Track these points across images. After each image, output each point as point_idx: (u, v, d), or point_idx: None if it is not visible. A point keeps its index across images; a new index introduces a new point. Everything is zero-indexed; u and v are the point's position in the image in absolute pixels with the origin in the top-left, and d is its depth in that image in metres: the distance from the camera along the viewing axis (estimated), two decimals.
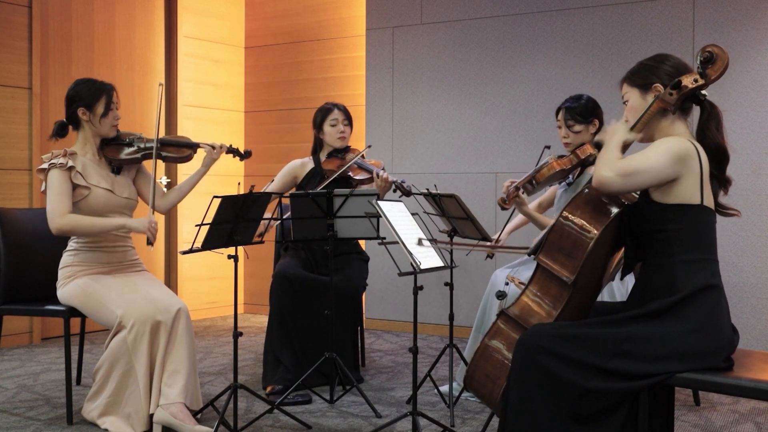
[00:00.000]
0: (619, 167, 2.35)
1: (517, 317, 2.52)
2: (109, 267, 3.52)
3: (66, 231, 3.38)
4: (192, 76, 6.27)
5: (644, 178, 2.35)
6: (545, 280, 2.51)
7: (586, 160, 3.54)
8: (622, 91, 2.58)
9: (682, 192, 2.36)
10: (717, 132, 2.45)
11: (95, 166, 3.53)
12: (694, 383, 2.31)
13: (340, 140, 4.31)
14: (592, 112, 3.66)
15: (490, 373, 2.52)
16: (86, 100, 3.50)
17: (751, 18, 4.72)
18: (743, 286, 4.68)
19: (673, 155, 2.33)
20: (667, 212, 2.38)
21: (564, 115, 3.69)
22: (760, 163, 4.67)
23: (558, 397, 2.27)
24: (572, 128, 3.65)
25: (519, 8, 5.41)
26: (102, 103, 3.50)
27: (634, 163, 2.35)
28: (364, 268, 4.33)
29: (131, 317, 3.24)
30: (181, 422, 3.17)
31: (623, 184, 2.35)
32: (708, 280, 2.36)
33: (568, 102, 3.72)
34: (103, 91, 3.52)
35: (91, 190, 3.46)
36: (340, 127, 4.31)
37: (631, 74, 2.56)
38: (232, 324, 5.61)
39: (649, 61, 2.54)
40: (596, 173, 2.39)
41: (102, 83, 3.55)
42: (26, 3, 5.23)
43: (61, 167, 3.40)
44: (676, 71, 2.47)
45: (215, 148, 3.68)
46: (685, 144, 2.36)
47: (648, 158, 2.35)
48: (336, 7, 6.28)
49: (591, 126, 3.66)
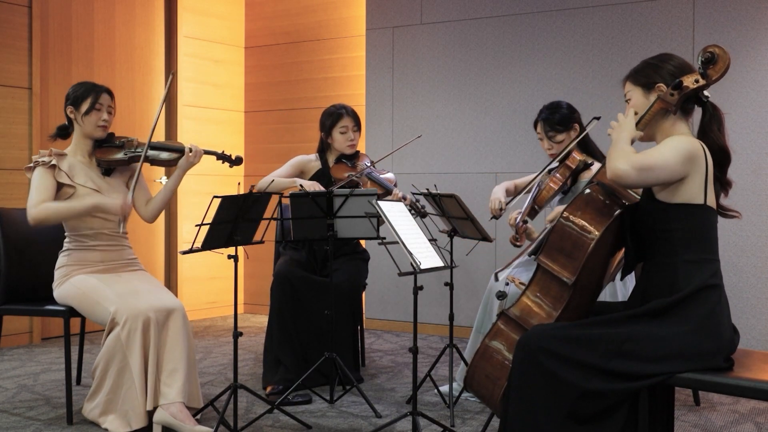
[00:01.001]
0: (635, 161, 2.34)
1: (518, 318, 2.52)
2: (103, 266, 3.53)
3: (42, 218, 3.38)
4: (192, 76, 6.27)
5: (658, 174, 2.34)
6: (546, 281, 2.51)
7: (577, 168, 3.53)
8: (625, 89, 2.57)
9: (687, 191, 2.36)
10: (719, 133, 2.45)
11: (84, 167, 3.55)
12: (694, 383, 2.31)
13: (350, 148, 4.25)
14: (570, 117, 3.65)
15: (490, 373, 2.52)
16: (72, 98, 3.56)
17: (751, 18, 4.72)
18: (743, 286, 4.68)
19: (686, 154, 2.33)
20: (671, 211, 2.38)
21: (543, 127, 3.68)
22: (760, 163, 4.67)
23: (558, 397, 2.27)
24: (554, 139, 3.65)
25: (519, 8, 5.41)
26: (87, 101, 3.53)
27: (650, 159, 2.34)
28: (363, 268, 4.32)
29: (123, 313, 3.24)
30: (181, 422, 3.18)
31: (639, 177, 2.33)
32: (709, 279, 2.36)
33: (544, 113, 3.69)
34: (91, 91, 3.55)
35: (77, 189, 3.48)
36: (350, 135, 4.23)
37: (634, 72, 2.55)
38: (232, 324, 5.61)
39: (653, 60, 2.54)
40: (611, 165, 2.36)
41: (94, 85, 3.59)
42: (26, 3, 5.23)
43: (43, 165, 3.44)
44: (679, 71, 2.46)
45: (191, 151, 3.60)
46: (694, 143, 2.37)
47: (662, 155, 2.34)
48: (336, 7, 6.28)
49: (572, 132, 3.65)
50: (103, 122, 3.57)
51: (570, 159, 3.52)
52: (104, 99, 3.58)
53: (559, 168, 3.54)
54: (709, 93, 2.49)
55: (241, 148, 6.66)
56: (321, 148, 4.37)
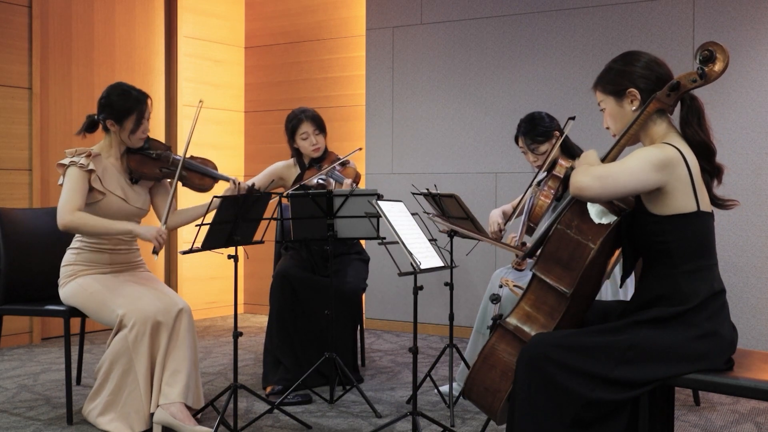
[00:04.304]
0: (593, 171, 2.29)
1: (515, 330, 2.45)
2: (111, 268, 3.52)
3: (73, 228, 3.34)
4: (192, 76, 6.27)
5: (623, 182, 2.26)
6: (542, 291, 2.43)
7: (566, 175, 3.51)
8: (597, 98, 2.49)
9: (675, 203, 2.29)
10: (699, 128, 2.35)
11: (115, 172, 3.50)
12: (694, 383, 2.31)
13: (315, 152, 4.23)
14: (550, 126, 3.65)
15: (489, 386, 2.48)
16: (116, 115, 3.44)
17: (751, 18, 4.72)
18: (743, 286, 4.68)
19: (653, 163, 2.25)
20: (664, 224, 2.31)
21: (525, 141, 3.67)
22: (760, 163, 4.66)
23: (563, 406, 2.25)
24: (537, 151, 3.65)
25: (519, 8, 5.41)
26: (132, 119, 3.43)
27: (609, 167, 2.29)
28: (364, 268, 4.32)
29: (132, 317, 3.24)
30: (181, 422, 3.18)
31: (601, 187, 2.27)
32: (713, 287, 2.32)
33: (523, 127, 3.68)
34: (134, 108, 3.43)
35: (106, 196, 3.44)
36: (312, 140, 4.19)
37: (601, 80, 2.47)
38: (232, 324, 5.61)
39: (617, 63, 2.45)
40: (573, 181, 2.31)
41: (136, 97, 3.45)
42: (26, 3, 5.23)
43: (81, 167, 3.36)
44: (650, 71, 2.39)
45: (236, 185, 3.55)
46: (665, 151, 2.28)
47: (624, 163, 2.28)
48: (336, 7, 6.28)
49: (553, 140, 3.64)
50: (145, 135, 3.51)
51: (557, 168, 3.51)
52: (147, 110, 3.47)
53: (548, 180, 3.52)
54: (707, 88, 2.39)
55: (241, 148, 6.67)
56: (295, 153, 4.34)
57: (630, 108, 2.41)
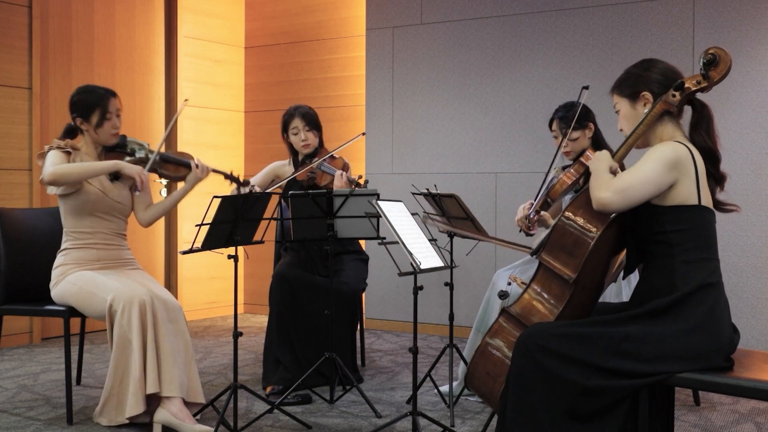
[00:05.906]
0: (613, 185, 2.39)
1: (519, 315, 2.54)
2: (100, 264, 3.53)
3: (58, 175, 3.35)
4: (192, 76, 6.27)
5: (642, 191, 2.37)
6: (547, 279, 2.53)
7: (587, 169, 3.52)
8: (614, 101, 2.60)
9: (679, 194, 2.38)
10: (707, 135, 2.46)
11: None
12: (694, 383, 2.31)
13: (305, 148, 4.27)
14: (586, 116, 3.66)
15: (491, 371, 2.53)
16: (80, 111, 3.53)
17: (751, 18, 4.72)
18: (743, 286, 4.68)
19: (667, 163, 2.35)
20: (665, 215, 2.39)
21: (559, 125, 3.68)
22: (760, 163, 4.66)
23: (557, 395, 2.28)
24: (569, 136, 3.65)
25: (519, 8, 5.41)
26: (96, 113, 3.51)
27: (628, 178, 2.38)
28: (363, 268, 4.32)
29: (120, 299, 3.25)
30: (181, 421, 3.18)
31: (623, 200, 2.37)
32: (707, 278, 2.36)
33: (560, 111, 3.70)
34: (98, 103, 3.51)
35: (83, 186, 3.47)
36: (302, 135, 4.24)
37: (619, 84, 2.58)
38: (232, 324, 5.60)
39: (635, 68, 2.56)
40: (594, 196, 2.42)
41: (100, 93, 3.54)
42: (26, 3, 5.23)
43: (59, 148, 3.45)
44: (665, 78, 2.49)
45: (198, 167, 3.64)
46: (676, 149, 2.38)
47: (641, 170, 2.38)
48: (336, 7, 6.28)
49: (587, 131, 3.65)
50: (115, 130, 3.57)
51: (584, 156, 3.54)
52: (113, 105, 3.54)
53: (573, 164, 3.56)
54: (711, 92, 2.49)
55: (241, 148, 6.66)
56: (290, 149, 4.39)
57: (643, 110, 2.52)
